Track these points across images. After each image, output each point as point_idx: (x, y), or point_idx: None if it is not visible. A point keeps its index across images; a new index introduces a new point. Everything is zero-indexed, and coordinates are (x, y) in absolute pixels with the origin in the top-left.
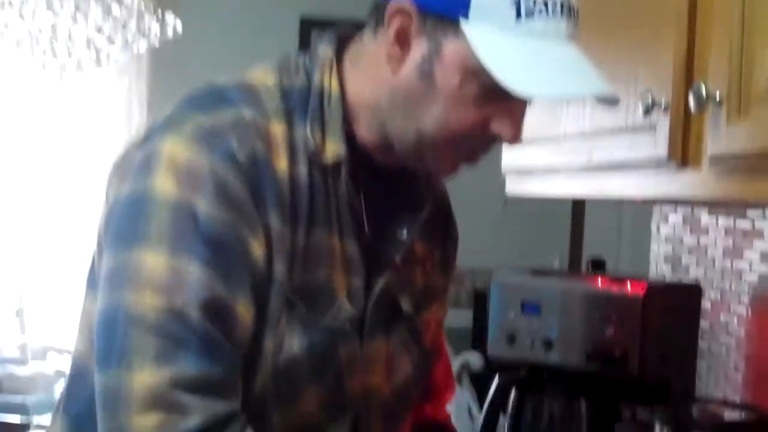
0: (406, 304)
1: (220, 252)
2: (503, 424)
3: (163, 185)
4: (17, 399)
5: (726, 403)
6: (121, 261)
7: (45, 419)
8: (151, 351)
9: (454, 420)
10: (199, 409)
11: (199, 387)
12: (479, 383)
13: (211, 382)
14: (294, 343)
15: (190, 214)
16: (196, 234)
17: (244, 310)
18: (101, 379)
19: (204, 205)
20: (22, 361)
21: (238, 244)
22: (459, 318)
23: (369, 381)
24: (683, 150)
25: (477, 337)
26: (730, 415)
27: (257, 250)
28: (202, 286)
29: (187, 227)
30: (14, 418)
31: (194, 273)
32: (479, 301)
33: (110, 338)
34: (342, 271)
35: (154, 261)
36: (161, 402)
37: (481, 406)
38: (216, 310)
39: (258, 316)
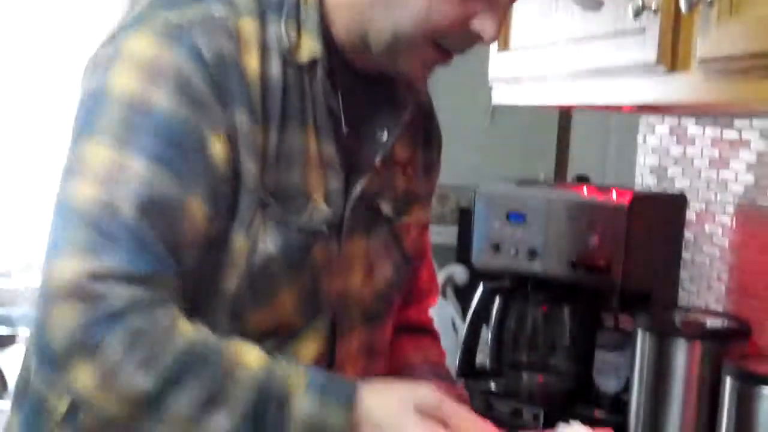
0: (386, 208)
1: (174, 148)
2: (487, 333)
3: (122, 80)
4: (2, 311)
5: (708, 312)
6: (72, 153)
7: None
8: (80, 242)
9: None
10: (121, 296)
11: (122, 279)
12: (463, 296)
13: (137, 278)
14: (268, 242)
15: (145, 109)
16: (149, 129)
17: (196, 209)
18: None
19: (162, 101)
20: (6, 275)
21: (195, 141)
22: (444, 234)
23: (347, 283)
24: (672, 53)
25: (462, 252)
26: (712, 323)
27: (218, 148)
28: (143, 183)
29: (140, 122)
30: (1, 330)
31: (137, 169)
32: (464, 217)
33: (52, 228)
34: (318, 172)
35: (98, 153)
36: (79, 292)
37: (464, 319)
38: (157, 208)
39: (226, 215)
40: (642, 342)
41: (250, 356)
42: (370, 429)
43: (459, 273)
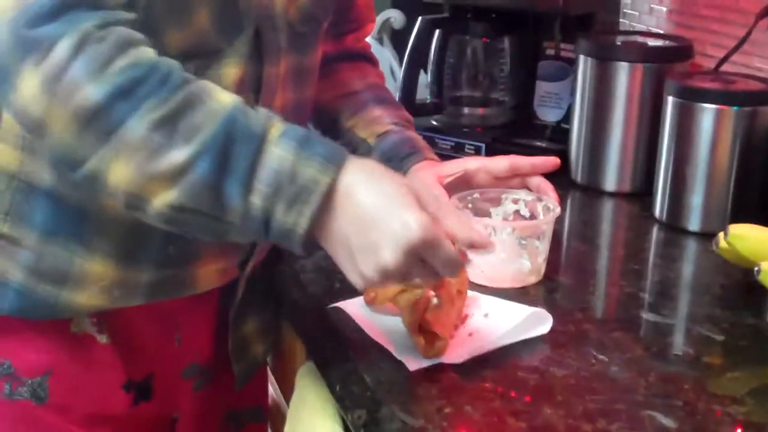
0: None
1: None
2: (426, 74)
3: None
4: None
5: (649, 34)
6: None
7: None
8: None
9: None
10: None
11: None
12: (400, 41)
13: None
14: None
15: None
16: None
17: None
18: None
19: None
20: None
21: None
22: None
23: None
24: None
25: None
26: (654, 44)
27: None
28: None
29: None
30: None
31: None
32: None
33: None
34: None
35: None
36: None
37: (401, 64)
38: None
39: None
40: (583, 67)
41: (222, 94)
42: (349, 194)
43: (396, 17)
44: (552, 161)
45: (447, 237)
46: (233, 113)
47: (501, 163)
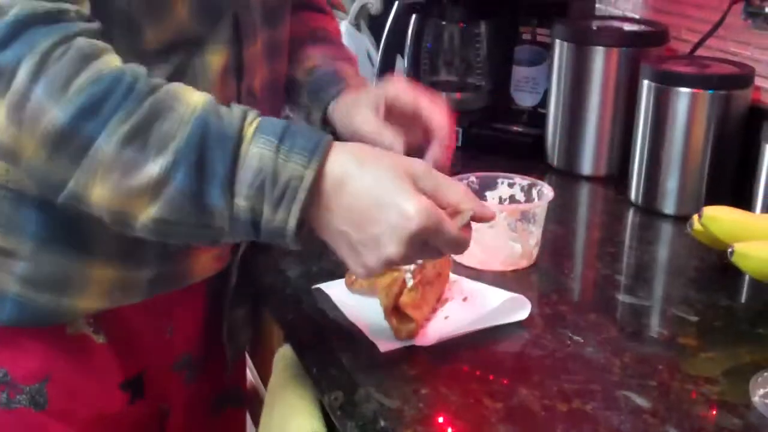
0: None
1: None
2: (402, 60)
3: None
4: None
5: (625, 19)
6: None
7: None
8: None
9: None
10: (17, 4)
11: None
12: (377, 27)
13: None
14: None
15: None
16: None
17: None
18: None
19: None
20: None
21: None
22: None
23: None
24: None
25: None
26: (629, 28)
27: None
28: None
29: None
30: None
31: None
32: None
33: None
34: None
35: None
36: None
37: (378, 49)
38: None
39: None
40: (559, 52)
41: (191, 95)
42: (340, 185)
43: (373, 2)
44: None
45: (449, 210)
46: (204, 116)
47: (406, 99)
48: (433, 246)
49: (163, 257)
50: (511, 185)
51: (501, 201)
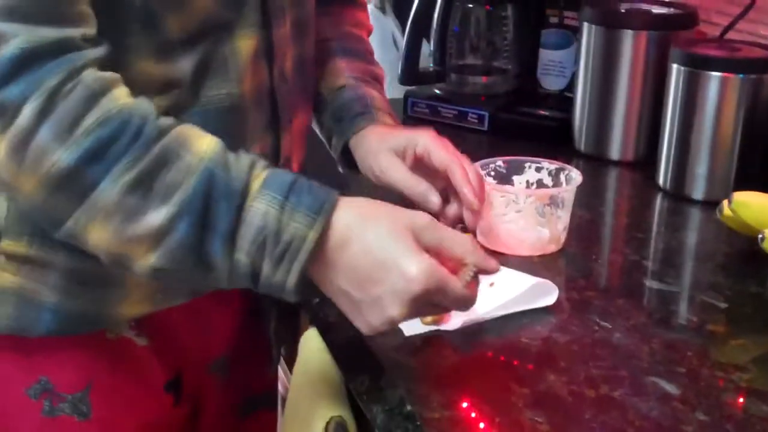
0: None
1: None
2: (428, 43)
3: None
4: None
5: (654, 2)
6: None
7: None
8: None
9: (377, 52)
10: (20, 34)
11: (14, 13)
12: (403, 10)
13: (32, 10)
14: None
15: None
16: None
17: None
18: None
19: None
20: None
21: None
22: None
23: None
24: None
25: None
26: (658, 10)
27: None
28: None
29: None
30: None
31: None
32: None
33: None
34: None
35: None
36: None
37: (404, 32)
38: None
39: None
40: (587, 35)
41: (200, 141)
42: (342, 245)
43: None
44: (472, 201)
45: (452, 265)
46: (210, 167)
47: (440, 158)
48: (437, 303)
49: None
50: (538, 170)
51: (528, 185)
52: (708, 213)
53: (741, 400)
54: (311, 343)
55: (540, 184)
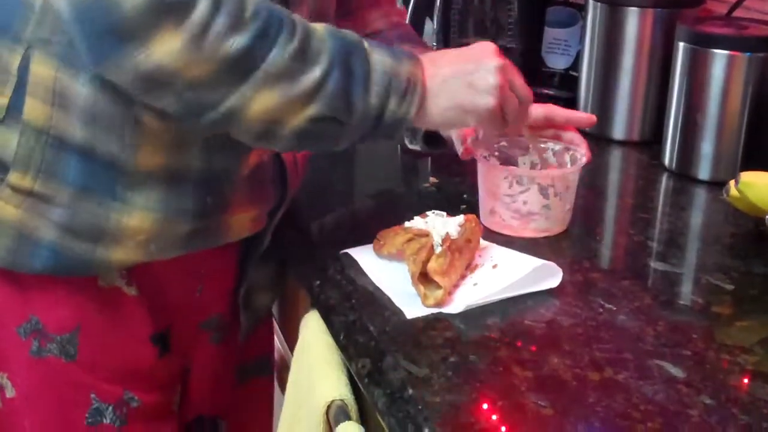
0: None
1: None
2: (432, 23)
3: None
4: None
5: None
6: None
7: None
8: None
9: None
10: None
11: None
12: None
13: None
14: None
15: None
16: None
17: None
18: None
19: None
20: None
21: None
22: None
23: None
24: None
25: None
26: None
27: None
28: None
29: None
30: None
31: None
32: None
33: None
34: None
35: None
36: None
37: (408, 11)
38: None
39: None
40: (593, 13)
41: (311, 23)
42: (435, 79)
43: None
44: (588, 118)
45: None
46: (334, 32)
47: (537, 111)
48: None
49: (202, 213)
50: (543, 150)
51: (533, 166)
52: (714, 193)
53: (746, 382)
54: (312, 326)
55: (545, 164)
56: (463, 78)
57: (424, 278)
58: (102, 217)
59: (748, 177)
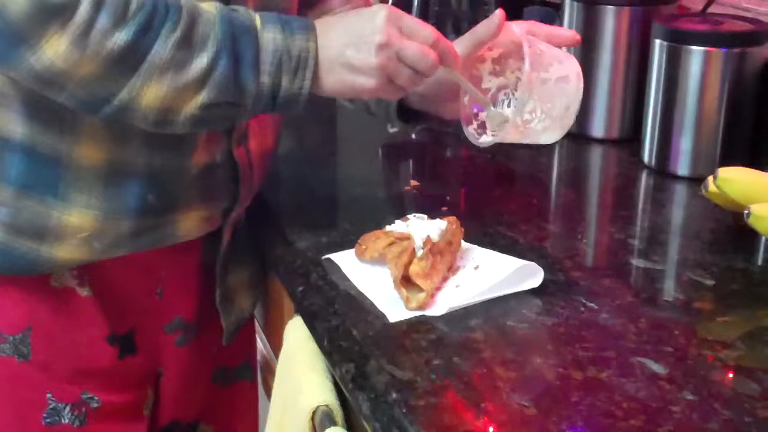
0: None
1: None
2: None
3: None
4: None
5: None
6: None
7: None
8: None
9: None
10: None
11: None
12: None
13: None
14: None
15: None
16: None
17: None
18: None
19: None
20: None
21: None
22: None
23: None
24: None
25: None
26: None
27: None
28: None
29: None
30: None
31: None
32: None
33: None
34: None
35: None
36: None
37: None
38: None
39: None
40: (570, 11)
41: (203, 4)
42: (327, 46)
43: None
44: (572, 35)
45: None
46: (224, 15)
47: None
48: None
49: (143, 212)
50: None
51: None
52: (693, 189)
53: (729, 377)
54: (296, 332)
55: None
56: (349, 54)
57: (406, 281)
58: (44, 215)
59: (727, 172)
